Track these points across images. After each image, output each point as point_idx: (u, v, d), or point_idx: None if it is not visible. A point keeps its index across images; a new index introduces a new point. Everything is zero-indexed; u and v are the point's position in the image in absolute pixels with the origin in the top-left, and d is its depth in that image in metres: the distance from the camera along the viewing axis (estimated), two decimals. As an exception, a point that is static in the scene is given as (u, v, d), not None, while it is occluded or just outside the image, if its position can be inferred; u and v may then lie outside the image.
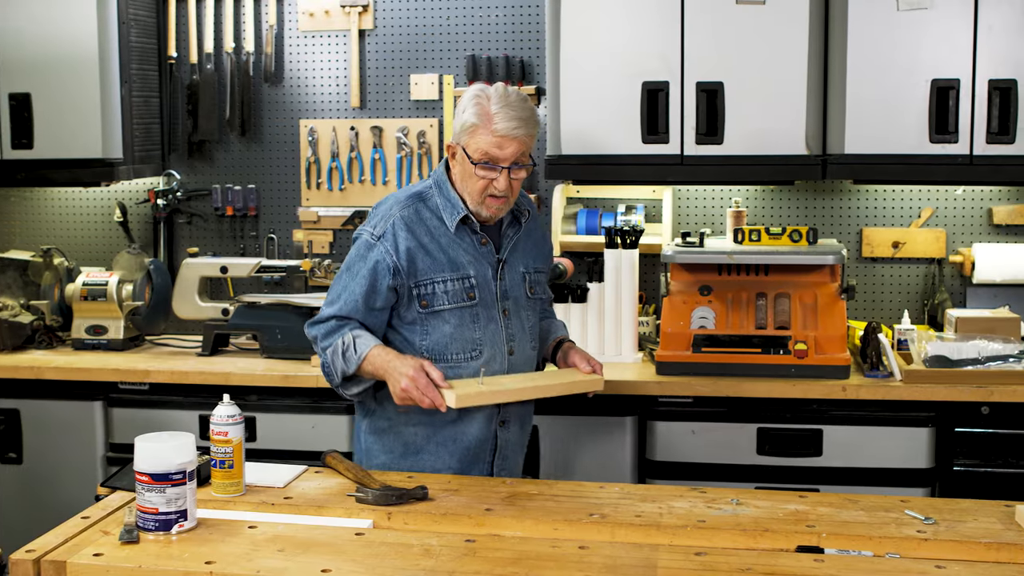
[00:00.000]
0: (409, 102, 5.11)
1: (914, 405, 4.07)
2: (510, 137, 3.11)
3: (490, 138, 3.11)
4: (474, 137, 3.14)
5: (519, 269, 3.34)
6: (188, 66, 5.21)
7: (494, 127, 3.10)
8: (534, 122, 3.18)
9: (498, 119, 3.10)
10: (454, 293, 3.21)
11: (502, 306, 3.28)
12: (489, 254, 3.28)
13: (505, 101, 3.12)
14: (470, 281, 3.22)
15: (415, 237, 3.20)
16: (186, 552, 2.46)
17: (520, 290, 3.33)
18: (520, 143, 3.13)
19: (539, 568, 2.37)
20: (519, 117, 3.12)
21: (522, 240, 3.36)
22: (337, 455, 3.10)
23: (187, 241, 5.31)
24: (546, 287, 3.53)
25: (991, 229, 4.78)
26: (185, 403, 4.46)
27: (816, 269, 4.28)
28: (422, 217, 3.23)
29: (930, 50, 4.23)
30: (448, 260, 3.21)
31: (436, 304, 3.21)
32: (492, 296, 3.26)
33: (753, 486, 4.02)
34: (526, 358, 3.36)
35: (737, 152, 4.36)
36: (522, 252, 3.36)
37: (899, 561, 2.46)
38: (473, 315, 3.23)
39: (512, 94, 3.16)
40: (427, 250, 3.20)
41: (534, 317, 3.40)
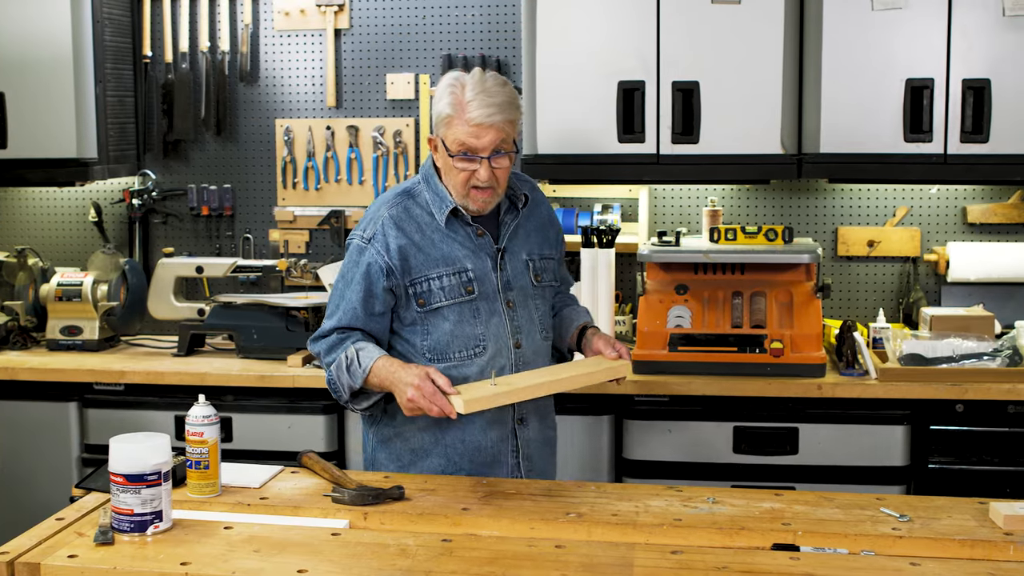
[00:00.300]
0: (385, 101, 5.11)
1: (889, 403, 4.09)
2: (487, 125, 2.99)
3: (466, 128, 3.00)
4: (450, 128, 3.03)
5: (522, 257, 3.22)
6: (163, 65, 5.19)
7: (469, 116, 2.99)
8: (514, 107, 3.05)
9: (472, 107, 2.98)
10: (451, 288, 3.11)
11: (505, 297, 3.16)
12: (487, 245, 3.16)
13: (480, 87, 3.01)
14: (467, 275, 3.12)
15: (405, 235, 3.11)
16: (161, 553, 2.45)
17: (525, 278, 3.21)
18: (498, 130, 3.01)
19: (516, 567, 2.37)
20: (495, 103, 2.99)
21: (523, 226, 3.25)
22: (313, 455, 3.09)
23: (162, 241, 5.29)
24: (559, 271, 3.40)
25: (965, 228, 4.80)
26: (161, 404, 4.44)
27: (792, 268, 4.29)
28: (412, 214, 3.14)
29: (905, 50, 4.25)
30: (442, 255, 3.11)
31: (434, 301, 3.11)
32: (493, 288, 3.15)
33: (729, 484, 4.03)
34: (536, 349, 3.22)
35: (713, 151, 4.36)
36: (524, 238, 3.24)
37: (874, 558, 2.47)
38: (473, 310, 3.12)
39: (489, 79, 3.04)
40: (419, 247, 3.11)
41: (544, 305, 3.27)
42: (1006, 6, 4.16)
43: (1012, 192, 4.74)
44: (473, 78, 3.03)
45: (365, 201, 5.11)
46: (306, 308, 4.59)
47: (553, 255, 3.33)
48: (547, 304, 3.29)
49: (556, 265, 3.35)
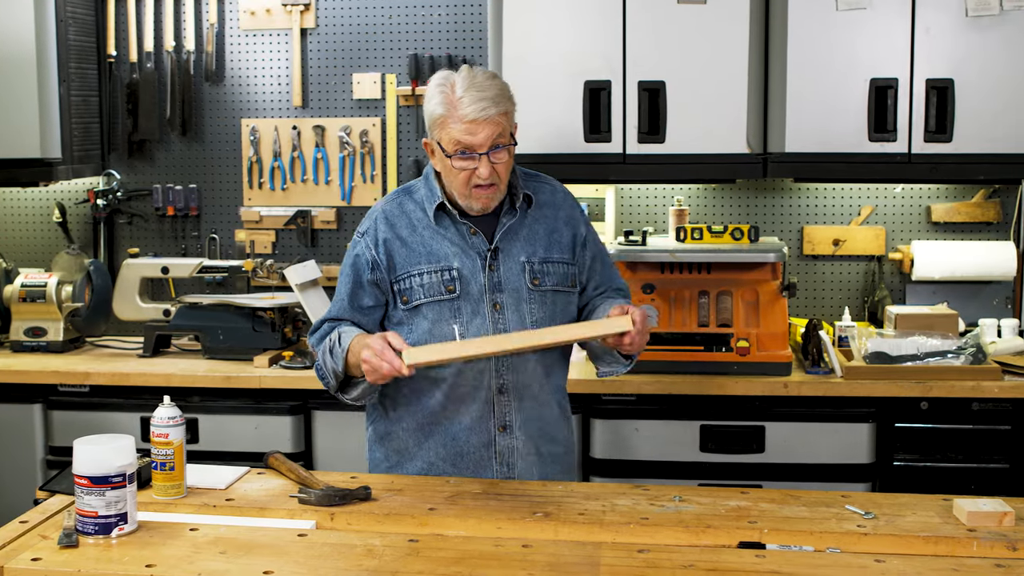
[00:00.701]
0: (351, 101, 5.10)
1: (854, 401, 4.12)
2: (481, 120, 2.92)
3: (460, 125, 2.93)
4: (444, 128, 2.97)
5: (519, 259, 3.09)
6: (128, 65, 5.16)
7: (461, 112, 2.92)
8: (507, 98, 2.99)
9: (464, 103, 2.92)
10: (431, 286, 3.04)
11: (492, 299, 3.06)
12: (479, 244, 3.07)
13: (470, 82, 2.94)
14: (451, 273, 3.04)
15: (393, 230, 3.09)
16: (126, 556, 2.44)
17: (520, 281, 3.08)
18: (494, 124, 2.94)
19: (482, 567, 2.37)
20: (487, 97, 2.93)
21: (525, 227, 3.13)
22: (280, 456, 3.08)
23: (127, 241, 5.26)
24: (582, 276, 3.21)
25: (930, 227, 4.83)
26: (126, 405, 4.42)
27: (758, 267, 4.30)
28: (405, 210, 3.12)
29: (869, 50, 4.27)
30: (427, 252, 3.06)
31: (414, 298, 3.05)
32: (480, 289, 3.05)
33: (696, 483, 4.05)
34: (524, 356, 3.08)
35: (679, 151, 4.37)
36: (525, 240, 3.11)
37: (839, 555, 2.48)
38: (454, 309, 3.04)
39: (479, 73, 2.98)
40: (405, 242, 3.07)
41: (545, 310, 3.10)
42: (969, 7, 4.19)
43: (975, 191, 4.78)
44: (462, 75, 2.98)
45: (332, 201, 5.10)
46: (272, 308, 4.57)
47: (566, 259, 3.16)
48: (554, 308, 3.12)
49: (573, 269, 3.17)
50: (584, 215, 3.28)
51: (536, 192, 3.18)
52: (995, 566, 2.40)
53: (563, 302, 3.15)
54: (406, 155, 5.06)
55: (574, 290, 3.19)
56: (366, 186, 5.09)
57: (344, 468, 4.04)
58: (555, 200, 3.21)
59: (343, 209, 5.12)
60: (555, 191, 3.24)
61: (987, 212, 4.77)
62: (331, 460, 4.35)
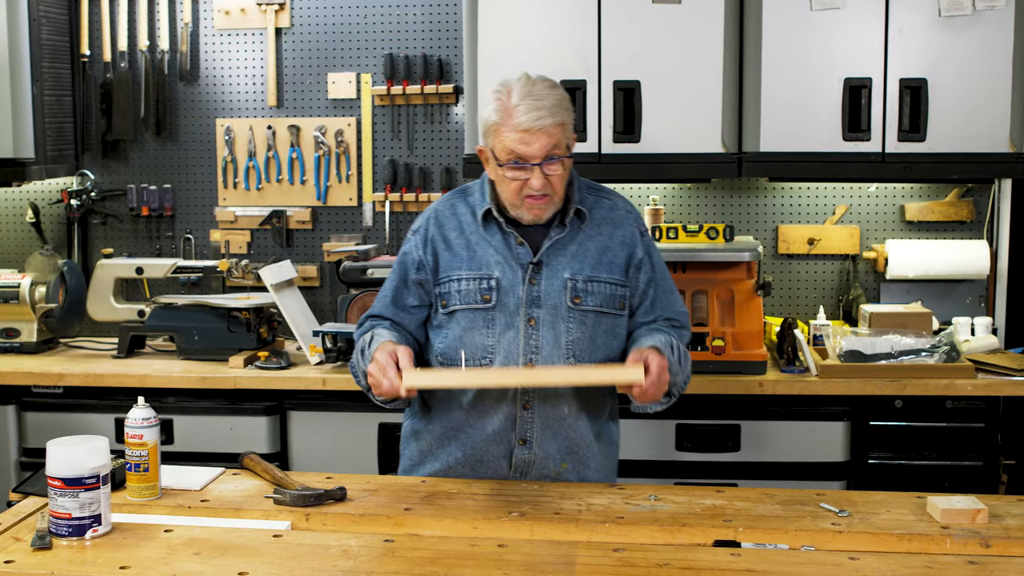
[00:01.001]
0: (327, 101, 5.09)
1: (829, 400, 4.14)
2: (536, 130, 2.83)
3: (514, 134, 2.84)
4: (498, 136, 2.88)
5: (562, 275, 2.98)
6: (102, 64, 5.14)
7: (516, 121, 2.84)
8: (565, 109, 2.89)
9: (520, 112, 2.83)
10: (467, 293, 2.99)
11: (528, 314, 2.97)
12: (524, 255, 2.99)
13: (528, 90, 2.86)
14: (490, 283, 2.98)
15: (442, 231, 3.05)
16: (100, 557, 2.42)
17: (559, 298, 2.97)
18: (548, 135, 2.84)
19: (458, 567, 2.37)
20: (544, 106, 2.84)
21: (575, 243, 3.02)
22: (255, 456, 3.07)
23: (102, 242, 5.24)
24: (633, 299, 3.07)
25: (904, 226, 4.85)
26: (100, 406, 4.40)
27: (733, 266, 4.31)
28: (456, 212, 3.06)
29: (843, 49, 4.29)
30: (469, 257, 3.01)
31: (451, 304, 3.00)
32: (517, 301, 2.97)
33: (672, 482, 4.06)
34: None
35: (654, 150, 4.38)
36: (572, 256, 3.01)
37: (814, 553, 2.49)
38: (488, 319, 2.98)
39: (538, 81, 2.90)
40: (450, 245, 3.03)
41: (583, 330, 2.99)
42: (942, 7, 4.21)
43: (949, 190, 4.80)
44: (520, 81, 2.90)
45: (307, 201, 5.09)
46: (248, 309, 4.56)
47: (615, 279, 3.03)
48: (594, 330, 3.01)
49: (622, 291, 3.04)
50: (647, 237, 3.13)
51: (594, 207, 3.07)
52: (968, 563, 2.41)
53: (607, 324, 3.04)
54: (381, 155, 5.06)
55: (621, 312, 3.06)
56: (341, 186, 5.08)
57: (320, 468, 4.04)
58: (614, 217, 3.09)
59: (318, 209, 5.11)
60: (615, 208, 3.11)
61: (960, 211, 4.79)
62: (307, 461, 4.35)
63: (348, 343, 4.41)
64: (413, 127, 5.04)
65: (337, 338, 4.39)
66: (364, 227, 5.10)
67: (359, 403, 4.26)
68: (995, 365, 4.20)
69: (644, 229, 3.14)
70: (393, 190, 5.02)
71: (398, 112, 5.04)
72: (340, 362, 4.41)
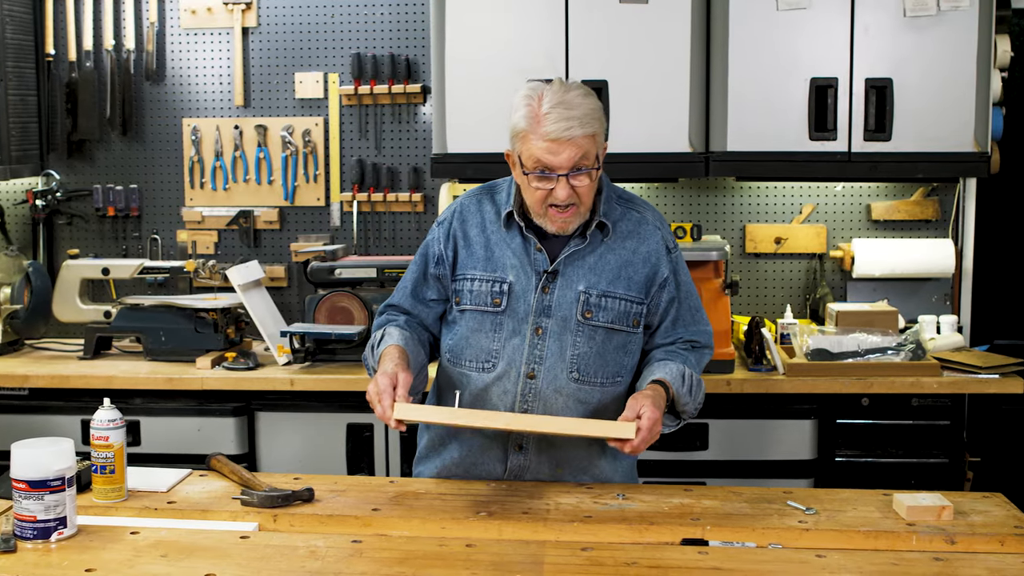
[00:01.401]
0: (294, 100, 5.07)
1: (797, 398, 4.16)
2: (564, 140, 2.73)
3: (541, 143, 2.74)
4: (526, 143, 2.78)
5: (577, 287, 2.91)
6: (67, 64, 5.11)
7: (544, 130, 2.73)
8: (596, 119, 2.78)
9: (549, 120, 2.73)
10: (478, 294, 2.94)
11: (536, 323, 2.91)
12: (541, 262, 2.92)
13: (559, 98, 2.75)
14: (503, 286, 2.92)
15: (464, 227, 2.99)
16: (65, 560, 2.41)
17: (571, 310, 2.90)
18: (577, 146, 2.74)
19: (426, 567, 2.37)
20: (575, 116, 2.73)
21: (597, 255, 2.94)
22: (222, 458, 3.06)
23: (67, 242, 5.21)
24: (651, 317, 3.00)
25: (870, 225, 4.88)
26: (66, 408, 4.37)
27: (700, 265, 4.31)
28: (482, 208, 3.00)
29: (809, 49, 4.31)
30: (486, 258, 2.95)
31: (463, 303, 2.96)
32: (527, 309, 2.91)
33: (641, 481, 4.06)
34: (557, 387, 2.93)
35: (621, 150, 4.37)
36: (589, 269, 2.93)
37: (781, 551, 2.50)
38: (496, 323, 2.93)
39: (573, 88, 2.79)
40: (469, 242, 2.97)
41: (591, 345, 2.92)
42: (907, 7, 4.24)
43: (914, 189, 4.83)
44: (552, 88, 2.79)
45: (274, 201, 5.08)
46: (215, 309, 4.54)
47: (632, 296, 2.95)
48: (603, 346, 2.94)
49: (639, 308, 2.96)
50: (675, 252, 3.03)
51: (620, 220, 2.97)
52: (934, 559, 2.43)
53: (618, 340, 2.96)
54: (349, 155, 5.05)
55: (635, 330, 2.98)
56: (309, 186, 5.07)
57: (288, 469, 4.04)
58: (641, 232, 2.99)
59: (286, 209, 5.10)
60: (643, 222, 3.00)
61: (926, 210, 4.82)
62: (275, 462, 4.33)
63: (316, 343, 4.40)
64: (381, 127, 5.03)
65: (305, 338, 4.38)
66: (332, 227, 5.09)
67: (327, 403, 4.26)
68: (960, 363, 4.23)
69: (673, 244, 3.04)
70: (361, 190, 5.01)
71: (366, 112, 5.03)
72: (308, 362, 4.40)
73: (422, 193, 4.99)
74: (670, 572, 2.35)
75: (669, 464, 4.18)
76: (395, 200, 4.99)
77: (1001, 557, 2.46)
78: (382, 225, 5.06)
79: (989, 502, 2.78)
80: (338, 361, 4.43)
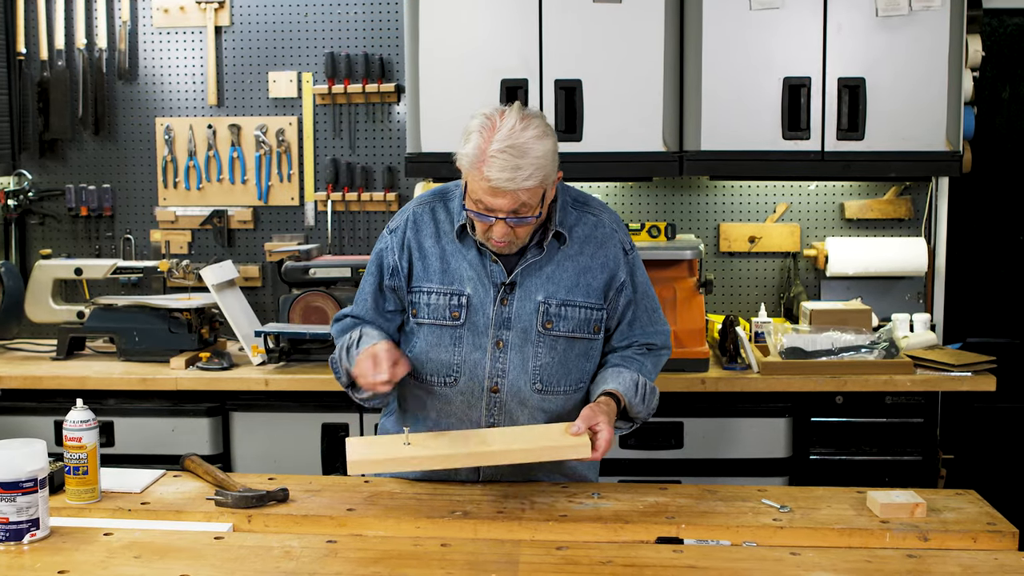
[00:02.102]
0: (268, 100, 5.06)
1: (771, 396, 4.17)
2: (503, 190, 2.64)
3: (484, 183, 2.64)
4: (471, 175, 2.68)
5: (536, 298, 2.86)
6: (38, 63, 5.08)
7: (487, 174, 2.62)
8: (544, 168, 2.65)
9: (494, 166, 2.62)
10: (435, 308, 2.88)
11: (496, 336, 2.87)
12: (498, 274, 2.86)
13: (511, 139, 2.62)
14: (460, 299, 2.86)
15: (418, 237, 2.91)
16: (38, 562, 2.40)
17: (531, 321, 2.86)
18: (516, 198, 2.65)
19: (401, 567, 2.37)
20: (522, 165, 2.61)
21: (555, 263, 2.89)
22: (196, 458, 3.05)
23: (40, 243, 5.18)
24: (609, 322, 2.98)
25: (843, 223, 4.90)
26: (39, 409, 4.35)
27: (674, 264, 4.32)
28: (436, 217, 2.91)
29: (782, 49, 4.32)
30: (442, 270, 2.88)
31: (420, 316, 2.90)
32: (486, 322, 2.86)
33: (617, 479, 4.07)
34: (521, 399, 2.91)
35: (595, 149, 4.39)
36: (549, 279, 2.88)
37: (755, 549, 2.51)
38: (455, 337, 2.88)
39: (530, 126, 2.66)
40: (424, 254, 2.90)
41: (551, 355, 2.89)
42: (879, 7, 4.25)
43: (887, 188, 4.85)
44: (507, 124, 2.66)
45: (248, 200, 5.06)
46: (189, 309, 4.52)
47: (591, 303, 2.91)
48: (565, 355, 2.92)
49: (599, 315, 2.93)
50: (632, 254, 3.00)
51: (576, 224, 2.92)
52: (907, 556, 2.44)
53: (580, 348, 2.94)
54: (323, 154, 5.04)
55: (596, 336, 2.96)
56: (283, 185, 5.06)
57: (262, 470, 4.02)
58: (598, 236, 2.94)
59: (260, 208, 5.08)
60: (599, 225, 2.95)
61: (899, 209, 4.85)
62: (249, 462, 4.32)
63: (291, 343, 4.39)
64: (355, 126, 5.02)
65: (280, 338, 4.37)
66: (306, 227, 5.08)
67: (302, 403, 4.25)
68: (933, 361, 4.25)
69: (630, 245, 3.00)
70: (335, 189, 5.00)
71: (340, 111, 5.02)
72: (283, 362, 4.39)
73: (396, 192, 4.98)
74: (645, 571, 2.35)
75: (644, 463, 4.19)
76: (369, 200, 4.98)
77: (974, 554, 2.47)
78: (356, 225, 5.05)
79: (962, 499, 2.80)
80: (313, 361, 4.42)
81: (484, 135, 2.66)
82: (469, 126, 2.71)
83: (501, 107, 2.74)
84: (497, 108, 2.73)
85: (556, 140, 2.73)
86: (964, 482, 3.44)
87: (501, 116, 2.68)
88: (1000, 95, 5.07)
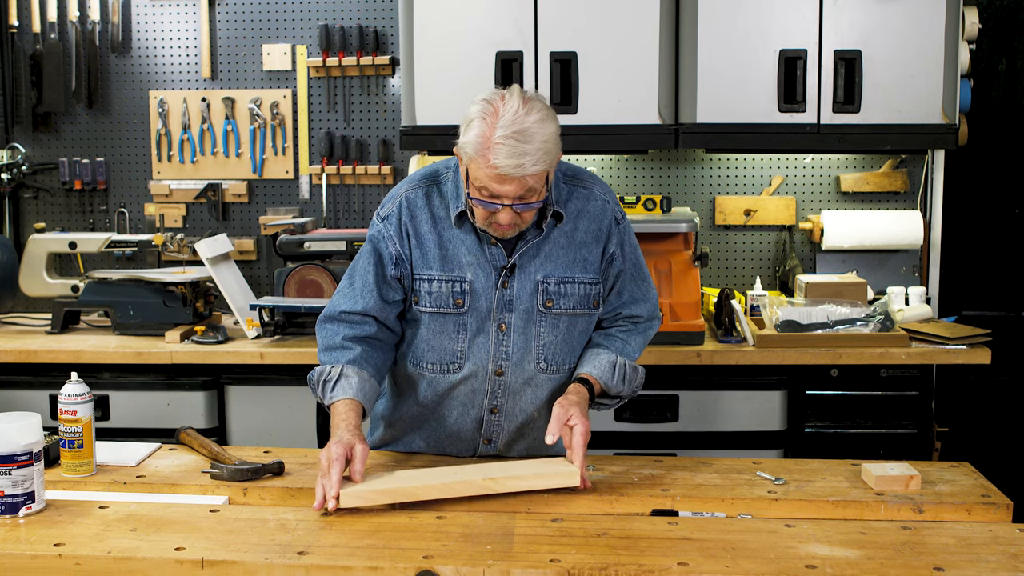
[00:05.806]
0: (262, 72, 5.04)
1: (766, 369, 4.17)
2: (510, 177, 2.59)
3: (489, 171, 2.59)
4: (473, 165, 2.62)
5: (535, 278, 2.83)
6: (31, 35, 5.05)
7: (493, 161, 2.57)
8: (549, 153, 2.61)
9: (499, 153, 2.56)
10: (438, 296, 2.82)
11: (499, 319, 2.83)
12: (498, 257, 2.81)
13: (515, 125, 2.57)
14: (463, 286, 2.81)
15: (414, 224, 2.83)
16: (34, 535, 2.40)
17: (531, 302, 2.83)
18: (523, 184, 2.60)
19: (397, 539, 2.37)
20: (528, 151, 2.56)
21: (551, 241, 2.85)
22: (191, 431, 3.05)
23: (33, 216, 5.17)
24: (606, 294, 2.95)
25: (839, 196, 4.89)
26: (34, 383, 4.34)
27: (670, 237, 4.32)
28: (430, 202, 2.84)
29: (778, 21, 4.31)
30: (442, 256, 2.82)
31: (423, 304, 2.83)
32: (489, 306, 2.82)
33: (612, 452, 4.07)
34: (526, 379, 2.89)
35: (591, 122, 4.38)
36: (545, 258, 2.84)
37: (750, 521, 2.51)
38: (459, 324, 2.83)
39: (533, 111, 2.60)
40: (422, 240, 2.82)
41: (555, 333, 2.88)
42: (876, -22, 4.24)
43: (883, 161, 4.84)
44: (508, 111, 2.59)
45: (242, 174, 5.05)
46: (183, 283, 4.51)
47: (589, 278, 2.89)
48: (568, 333, 2.90)
49: (596, 289, 2.91)
50: (622, 224, 2.95)
51: (568, 200, 2.88)
52: (902, 528, 2.44)
53: (582, 324, 2.93)
54: (317, 127, 5.02)
55: (596, 311, 2.94)
56: (277, 159, 5.04)
57: (258, 443, 4.03)
58: (589, 209, 2.90)
59: (254, 182, 5.07)
60: (591, 198, 2.91)
61: (895, 182, 4.84)
62: (245, 435, 4.32)
63: (286, 317, 4.39)
64: (349, 99, 5.00)
65: (274, 312, 4.37)
66: (301, 200, 5.06)
67: (297, 377, 4.25)
68: (928, 334, 4.25)
69: (621, 215, 2.95)
70: (330, 163, 4.99)
71: (334, 84, 5.00)
72: (278, 336, 4.38)
73: (391, 166, 4.97)
74: (640, 542, 2.35)
75: (639, 435, 4.19)
76: (364, 173, 4.97)
77: (968, 526, 2.48)
78: (351, 198, 5.04)
79: (956, 471, 2.81)
80: (308, 334, 4.41)
81: (487, 121, 2.60)
82: (469, 112, 2.65)
83: (500, 91, 2.68)
84: (496, 92, 2.67)
85: (558, 122, 2.69)
86: (959, 455, 3.45)
87: (502, 100, 2.63)
88: (996, 67, 5.06)
